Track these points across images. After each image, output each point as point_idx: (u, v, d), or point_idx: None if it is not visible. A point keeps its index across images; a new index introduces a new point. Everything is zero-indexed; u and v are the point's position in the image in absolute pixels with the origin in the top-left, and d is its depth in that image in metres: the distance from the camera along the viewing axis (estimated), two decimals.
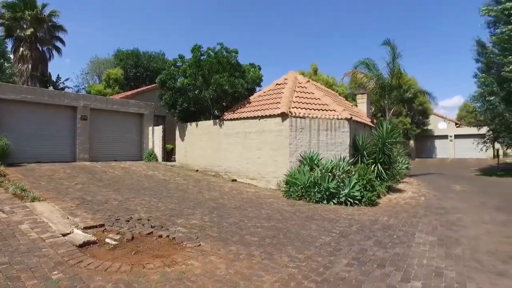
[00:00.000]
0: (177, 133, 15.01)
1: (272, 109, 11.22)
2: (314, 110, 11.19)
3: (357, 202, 8.48)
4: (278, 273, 3.83)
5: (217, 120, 12.92)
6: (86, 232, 4.79)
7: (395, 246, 5.07)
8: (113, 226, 5.23)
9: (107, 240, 4.57)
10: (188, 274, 3.65)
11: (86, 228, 4.94)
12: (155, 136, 15.69)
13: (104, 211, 6.10)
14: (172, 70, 13.90)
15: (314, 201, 8.56)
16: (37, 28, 22.19)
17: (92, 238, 4.55)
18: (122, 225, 5.37)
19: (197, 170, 13.37)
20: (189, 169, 13.58)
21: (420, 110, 31.74)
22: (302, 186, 8.90)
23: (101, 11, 69.61)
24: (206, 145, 13.31)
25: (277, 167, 10.72)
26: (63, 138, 13.08)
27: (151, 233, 5.05)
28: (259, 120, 11.39)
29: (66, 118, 13.22)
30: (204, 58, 13.25)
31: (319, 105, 11.50)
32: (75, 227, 4.94)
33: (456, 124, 36.41)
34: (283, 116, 10.67)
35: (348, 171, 9.30)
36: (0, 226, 4.70)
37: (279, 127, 10.78)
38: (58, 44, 24.55)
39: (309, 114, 10.85)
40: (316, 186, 8.69)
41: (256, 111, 11.79)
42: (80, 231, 4.78)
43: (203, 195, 8.80)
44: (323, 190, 8.55)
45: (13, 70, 20.49)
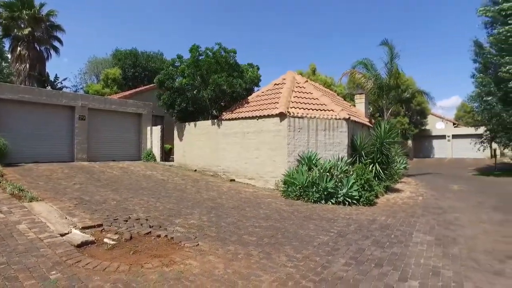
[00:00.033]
0: (175, 133, 15.00)
1: (270, 109, 11.23)
2: (312, 110, 11.21)
3: (355, 202, 8.50)
4: (276, 272, 3.85)
5: (216, 120, 12.92)
6: (84, 232, 4.79)
7: (393, 246, 5.09)
8: (111, 226, 5.23)
9: (106, 240, 4.57)
10: (187, 273, 3.66)
11: (84, 228, 4.94)
12: (153, 136, 15.68)
13: (102, 211, 6.09)
14: (170, 70, 13.89)
15: (312, 201, 8.58)
16: (34, 28, 22.11)
17: (90, 238, 4.55)
18: (120, 225, 5.36)
19: (196, 170, 13.37)
20: (187, 169, 13.58)
21: (418, 110, 31.88)
22: (300, 186, 8.91)
23: (100, 11, 69.63)
24: (205, 145, 13.31)
25: (275, 167, 10.74)
26: (61, 138, 13.06)
27: (150, 233, 5.06)
28: (257, 120, 11.41)
29: (64, 118, 13.20)
30: (202, 58, 13.25)
31: (317, 105, 11.52)
32: (73, 227, 4.93)
33: (454, 124, 36.55)
34: (281, 116, 10.69)
35: (346, 171, 9.32)
36: None
37: (277, 127, 10.79)
38: (56, 44, 24.54)
39: (307, 114, 10.86)
40: (314, 186, 8.71)
41: (255, 111, 11.81)
42: (78, 231, 4.78)
43: (201, 195, 8.81)
44: (321, 190, 8.57)
45: (11, 70, 20.46)
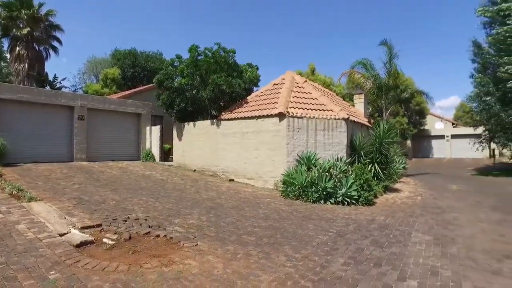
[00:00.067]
0: (174, 133, 15.00)
1: (269, 109, 11.24)
2: (312, 110, 11.22)
3: (354, 201, 8.51)
4: (275, 272, 3.85)
5: (215, 120, 12.92)
6: (83, 232, 4.79)
7: (392, 246, 5.10)
8: (110, 226, 5.23)
9: (105, 240, 4.57)
10: (186, 273, 3.66)
11: (83, 228, 4.94)
12: (152, 136, 15.68)
13: (101, 211, 6.09)
14: (169, 70, 13.89)
15: (312, 200, 8.59)
16: (33, 28, 22.08)
17: (90, 238, 4.55)
18: (119, 225, 5.36)
19: (195, 170, 13.37)
20: (186, 169, 13.58)
21: (417, 110, 31.92)
22: (299, 186, 8.92)
23: (100, 11, 69.51)
24: (204, 145, 13.31)
25: (275, 167, 10.75)
26: (60, 138, 13.05)
27: (149, 233, 5.06)
28: (256, 120, 11.41)
29: (63, 118, 13.19)
30: (201, 58, 13.25)
31: (317, 105, 11.54)
32: (72, 227, 4.93)
33: (453, 124, 36.62)
34: (281, 116, 10.70)
35: (345, 171, 9.33)
36: None
37: (277, 127, 10.80)
38: (55, 44, 24.49)
39: (307, 114, 10.87)
40: (314, 186, 8.71)
41: (254, 111, 11.81)
42: (78, 231, 4.78)
43: (200, 195, 8.81)
44: (320, 189, 8.57)
45: (10, 70, 20.44)
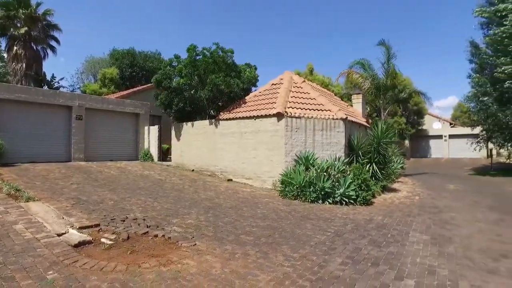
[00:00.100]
0: (173, 133, 14.99)
1: (267, 109, 11.26)
2: (310, 110, 11.24)
3: (352, 201, 8.55)
4: (273, 272, 3.87)
5: (213, 120, 12.92)
6: (81, 232, 4.79)
7: (389, 245, 5.12)
8: (108, 226, 5.23)
9: (103, 240, 4.57)
10: (184, 273, 3.67)
11: (81, 228, 4.93)
12: (151, 136, 15.66)
13: (99, 211, 6.09)
14: (167, 70, 13.88)
15: (310, 200, 8.61)
16: (31, 27, 21.98)
17: (88, 238, 4.55)
18: (117, 224, 5.36)
19: (193, 170, 13.37)
20: (185, 169, 13.57)
21: (415, 110, 32.01)
22: (297, 185, 8.94)
23: (99, 10, 69.27)
24: (202, 145, 13.31)
25: (273, 167, 10.76)
26: (58, 138, 13.01)
27: (147, 233, 5.06)
28: (254, 120, 11.42)
29: (61, 117, 13.15)
30: (199, 58, 13.25)
31: (315, 105, 11.56)
32: (70, 227, 4.93)
33: (451, 124, 36.74)
34: (279, 116, 10.71)
35: (343, 171, 9.36)
36: None
37: (275, 127, 10.81)
38: (53, 43, 24.38)
39: (305, 114, 10.89)
40: (312, 186, 8.74)
41: (252, 111, 11.82)
42: (76, 231, 4.77)
43: (198, 194, 8.81)
44: (318, 189, 8.60)
45: (7, 69, 20.39)
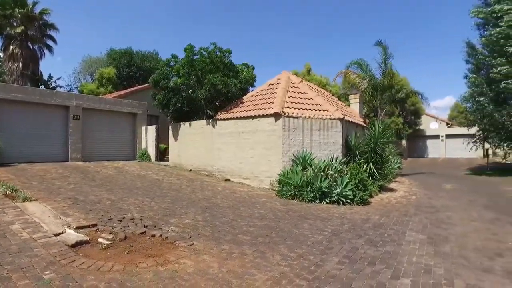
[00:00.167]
0: (170, 133, 14.97)
1: (265, 109, 11.27)
2: (307, 110, 11.27)
3: (349, 201, 8.57)
4: (270, 271, 3.88)
5: (211, 120, 12.92)
6: (78, 232, 4.78)
7: (386, 244, 5.15)
8: (106, 226, 5.22)
9: (100, 240, 4.57)
10: (181, 273, 3.68)
11: (78, 228, 4.92)
12: (148, 135, 15.63)
13: (96, 211, 6.08)
14: (165, 70, 13.87)
15: (307, 200, 8.63)
16: (28, 26, 21.85)
17: (85, 238, 4.54)
18: (115, 224, 5.36)
19: (191, 170, 13.36)
20: (182, 169, 13.56)
21: (412, 110, 32.15)
22: (295, 185, 8.96)
23: (97, 10, 68.94)
24: (200, 145, 13.31)
25: (270, 167, 10.78)
26: (55, 137, 12.96)
27: (144, 233, 5.06)
28: (252, 120, 11.43)
29: (58, 117, 13.11)
30: (197, 58, 13.24)
31: (312, 105, 11.58)
32: (67, 227, 4.92)
33: (448, 124, 36.93)
34: (276, 116, 10.73)
35: (341, 171, 9.39)
36: None
37: (272, 127, 10.83)
38: (50, 43, 24.21)
39: (302, 114, 10.92)
40: (309, 186, 8.76)
41: (250, 111, 11.83)
42: (73, 231, 4.76)
43: (196, 194, 8.81)
44: (315, 189, 8.62)
45: (3, 69, 20.30)
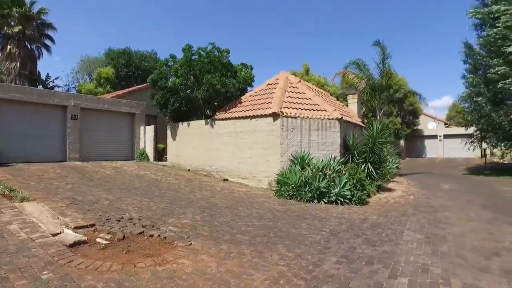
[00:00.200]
0: (168, 133, 14.96)
1: (263, 109, 11.28)
2: (305, 110, 11.29)
3: (347, 201, 8.59)
4: (268, 271, 3.89)
5: (209, 120, 12.92)
6: (76, 232, 4.77)
7: (384, 244, 5.17)
8: (104, 226, 5.22)
9: (98, 240, 4.56)
10: (179, 272, 3.68)
11: (76, 228, 4.92)
12: (146, 135, 15.61)
13: (95, 211, 6.07)
14: (163, 70, 13.86)
15: (305, 200, 8.65)
16: (25, 26, 21.79)
17: (83, 238, 4.53)
18: (113, 224, 5.35)
19: (189, 170, 13.36)
20: (180, 169, 13.55)
21: (411, 110, 32.24)
22: (293, 185, 8.97)
23: (96, 9, 68.75)
24: (198, 144, 13.31)
25: (269, 167, 10.79)
26: (53, 137, 12.94)
27: (142, 233, 5.06)
28: (250, 120, 11.44)
29: (56, 117, 13.08)
30: (195, 58, 13.23)
31: (310, 105, 11.60)
32: (65, 227, 4.91)
33: (446, 124, 37.04)
34: (275, 116, 10.74)
35: (339, 171, 9.41)
36: None
37: (271, 127, 10.84)
38: (48, 42, 24.17)
39: (300, 114, 10.93)
40: (307, 186, 8.77)
41: (248, 111, 11.84)
42: (71, 231, 4.76)
43: (194, 194, 8.81)
44: (314, 189, 8.63)
45: (1, 68, 20.17)
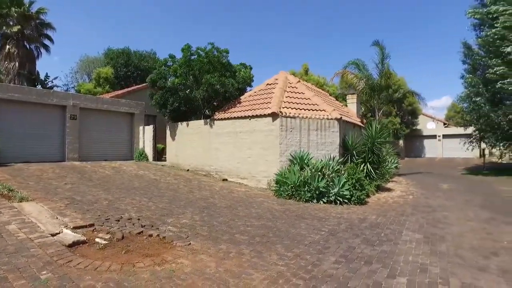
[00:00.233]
0: (168, 133, 14.95)
1: (262, 109, 11.29)
2: (305, 110, 11.30)
3: (346, 201, 8.60)
4: (267, 270, 3.89)
5: (208, 120, 12.92)
6: (75, 232, 4.77)
7: (382, 244, 5.18)
8: (103, 226, 5.22)
9: (97, 240, 4.56)
10: (178, 272, 3.68)
11: (75, 228, 4.92)
12: (145, 135, 15.60)
13: (94, 211, 6.07)
14: (162, 70, 13.85)
15: (304, 200, 8.66)
16: (24, 25, 21.75)
17: (82, 237, 4.53)
18: (112, 224, 5.35)
19: (188, 170, 13.36)
20: (180, 169, 13.55)
21: (410, 110, 32.27)
22: (292, 185, 8.98)
23: (95, 9, 68.57)
24: (197, 144, 13.30)
25: (268, 167, 10.79)
26: (52, 137, 12.92)
27: (141, 233, 5.06)
28: (249, 119, 11.44)
29: (55, 117, 13.06)
30: (194, 58, 13.23)
31: (310, 105, 11.61)
32: (64, 227, 4.91)
33: (445, 124, 37.09)
34: (274, 116, 10.75)
35: (338, 171, 9.42)
36: None
37: (270, 126, 10.85)
38: (47, 42, 24.14)
39: (300, 114, 10.94)
40: (306, 185, 8.78)
41: (247, 110, 11.85)
42: (70, 231, 4.76)
43: (193, 194, 8.81)
44: (313, 189, 8.64)
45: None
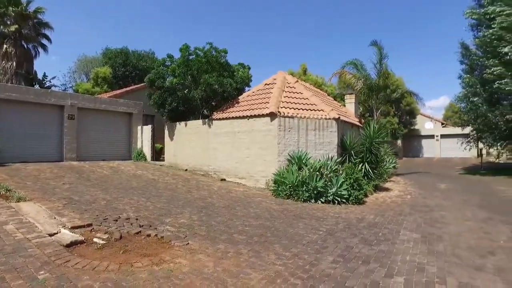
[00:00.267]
0: (166, 133, 14.94)
1: (261, 109, 11.30)
2: (303, 110, 11.32)
3: (344, 200, 8.63)
4: (265, 270, 3.90)
5: (206, 120, 12.92)
6: (73, 232, 4.76)
7: (380, 243, 5.20)
8: (101, 226, 5.21)
9: (95, 240, 4.56)
10: (176, 272, 3.69)
11: (73, 228, 4.91)
12: (144, 135, 15.59)
13: (92, 211, 6.06)
14: (161, 70, 13.84)
15: (302, 200, 8.67)
16: (21, 25, 21.65)
17: (80, 237, 4.53)
18: (110, 224, 5.35)
19: (186, 170, 13.35)
20: (178, 169, 13.55)
21: (408, 110, 32.36)
22: (290, 185, 8.99)
23: (94, 8, 68.32)
24: (195, 144, 13.30)
25: (266, 167, 10.80)
26: (50, 137, 12.88)
27: (140, 232, 5.06)
28: (248, 119, 11.45)
29: (52, 117, 13.02)
30: (192, 57, 13.23)
31: (308, 105, 11.63)
32: (62, 227, 4.90)
33: (442, 124, 37.24)
34: (272, 115, 10.76)
35: (336, 170, 9.44)
36: None
37: (268, 126, 10.86)
38: (44, 42, 23.97)
39: (298, 114, 10.96)
40: (304, 185, 8.80)
41: (245, 110, 11.85)
42: (68, 231, 4.75)
43: (192, 194, 8.81)
44: (311, 189, 8.66)
45: None
